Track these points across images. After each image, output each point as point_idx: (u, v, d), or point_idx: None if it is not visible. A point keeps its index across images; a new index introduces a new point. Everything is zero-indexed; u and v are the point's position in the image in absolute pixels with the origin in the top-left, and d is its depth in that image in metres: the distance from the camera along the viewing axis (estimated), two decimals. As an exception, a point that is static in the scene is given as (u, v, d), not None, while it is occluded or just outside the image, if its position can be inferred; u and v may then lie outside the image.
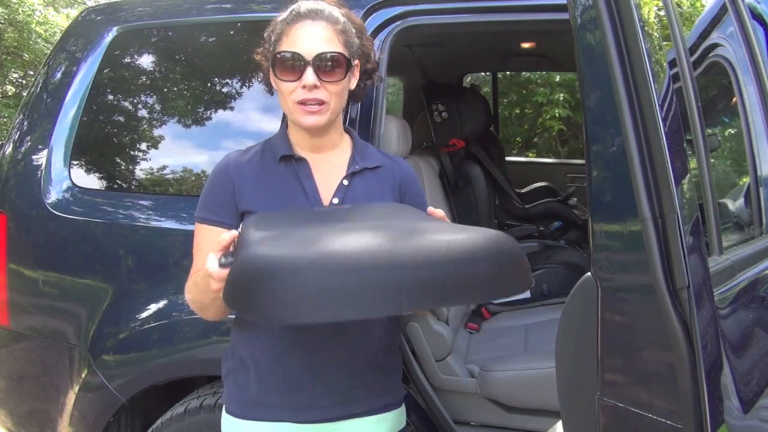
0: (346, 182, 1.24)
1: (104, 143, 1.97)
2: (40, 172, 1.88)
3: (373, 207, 1.17)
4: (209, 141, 1.88)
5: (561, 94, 6.36)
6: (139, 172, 1.91)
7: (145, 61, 1.99)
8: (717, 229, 1.09)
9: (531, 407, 1.90)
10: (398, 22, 1.73)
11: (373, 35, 1.72)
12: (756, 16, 1.58)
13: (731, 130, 1.61)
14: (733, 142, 1.60)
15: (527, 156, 6.83)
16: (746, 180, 1.47)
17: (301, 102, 1.18)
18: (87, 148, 1.93)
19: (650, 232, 0.83)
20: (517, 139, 7.48)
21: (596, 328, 0.92)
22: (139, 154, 1.92)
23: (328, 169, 1.26)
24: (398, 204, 1.24)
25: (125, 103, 1.96)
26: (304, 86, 1.17)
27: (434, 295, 0.83)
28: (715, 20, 1.44)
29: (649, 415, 0.87)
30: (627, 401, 0.90)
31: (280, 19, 1.22)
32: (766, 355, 1.04)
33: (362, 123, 1.67)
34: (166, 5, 1.98)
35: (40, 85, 2.00)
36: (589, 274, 0.94)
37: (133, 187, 1.91)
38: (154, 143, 1.92)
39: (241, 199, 1.23)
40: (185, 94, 1.95)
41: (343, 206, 1.21)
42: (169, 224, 1.84)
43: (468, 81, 4.32)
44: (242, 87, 1.85)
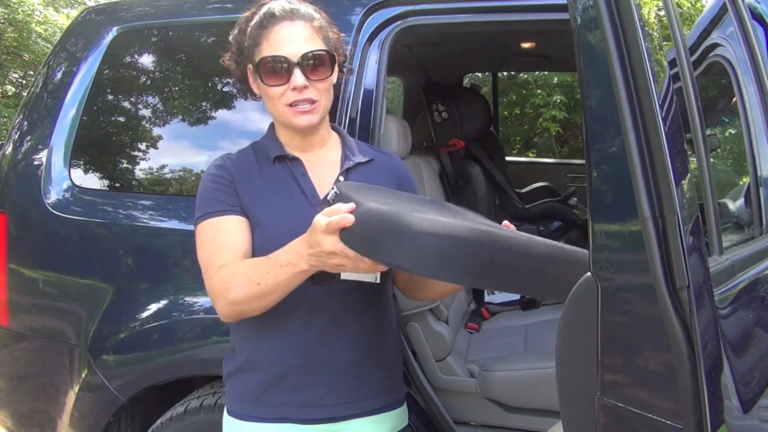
0: (342, 179, 1.25)
1: (104, 143, 1.97)
2: (40, 172, 1.88)
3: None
4: (209, 141, 1.89)
5: (558, 97, 6.37)
6: (139, 172, 1.91)
7: (145, 61, 1.99)
8: (717, 229, 1.09)
9: (531, 407, 1.90)
10: (398, 22, 1.73)
11: (373, 35, 1.72)
12: (756, 16, 1.58)
13: (731, 130, 1.61)
14: (733, 142, 1.60)
15: (527, 156, 6.84)
16: (746, 180, 1.47)
17: (292, 104, 1.18)
18: (87, 148, 1.93)
19: (650, 232, 0.82)
20: (517, 139, 7.48)
21: (596, 328, 0.92)
22: (139, 154, 1.92)
23: (322, 167, 1.27)
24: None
25: (125, 103, 1.96)
26: (294, 88, 1.17)
27: (512, 279, 1.00)
28: (715, 20, 1.44)
29: (649, 415, 0.87)
30: (627, 401, 0.90)
31: (253, 23, 1.20)
32: (766, 355, 1.04)
33: (362, 123, 1.67)
34: (166, 5, 1.98)
35: (40, 85, 2.00)
36: (589, 274, 0.94)
37: (133, 186, 1.91)
38: (154, 143, 1.92)
39: (240, 194, 1.23)
40: (185, 94, 1.95)
41: (424, 197, 1.31)
42: (169, 224, 1.84)
43: (468, 81, 4.32)
44: (242, 87, 1.85)
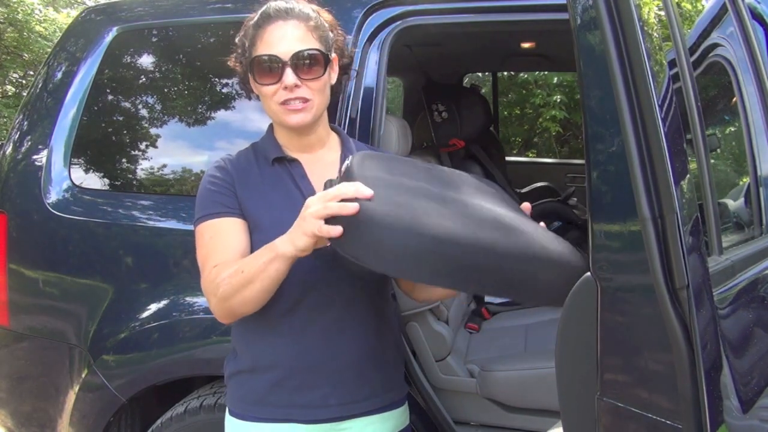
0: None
1: (104, 143, 1.97)
2: (40, 172, 1.88)
3: (474, 180, 1.24)
4: (209, 141, 1.88)
5: (558, 96, 6.36)
6: (139, 172, 1.91)
7: (145, 61, 1.99)
8: (717, 229, 1.08)
9: (531, 407, 1.89)
10: (398, 22, 1.73)
11: (373, 35, 1.72)
12: (756, 16, 1.58)
13: (731, 129, 1.61)
14: (733, 142, 1.60)
15: (527, 156, 6.84)
16: (746, 180, 1.47)
17: (285, 102, 1.18)
18: (87, 148, 1.93)
19: (650, 232, 0.83)
20: (517, 139, 7.48)
21: (596, 328, 0.92)
22: (139, 154, 1.92)
23: (321, 169, 1.26)
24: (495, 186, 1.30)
25: (125, 103, 1.96)
26: (285, 87, 1.17)
27: (501, 285, 1.01)
28: (715, 20, 1.44)
29: (649, 415, 0.87)
30: (627, 401, 0.90)
31: (252, 23, 1.21)
32: (766, 355, 1.04)
33: (362, 123, 1.67)
34: (166, 5, 1.98)
35: (40, 85, 2.00)
36: (588, 274, 0.94)
37: (133, 186, 1.91)
38: (154, 143, 1.92)
39: (240, 196, 1.22)
40: (185, 94, 1.95)
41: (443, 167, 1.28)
42: (169, 224, 1.84)
43: (468, 81, 4.32)
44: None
